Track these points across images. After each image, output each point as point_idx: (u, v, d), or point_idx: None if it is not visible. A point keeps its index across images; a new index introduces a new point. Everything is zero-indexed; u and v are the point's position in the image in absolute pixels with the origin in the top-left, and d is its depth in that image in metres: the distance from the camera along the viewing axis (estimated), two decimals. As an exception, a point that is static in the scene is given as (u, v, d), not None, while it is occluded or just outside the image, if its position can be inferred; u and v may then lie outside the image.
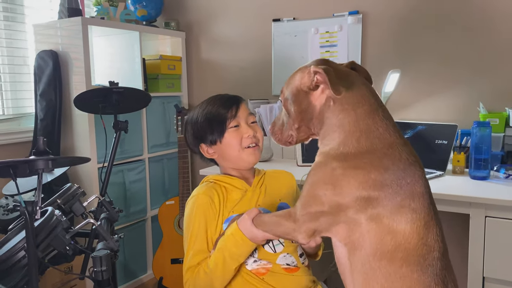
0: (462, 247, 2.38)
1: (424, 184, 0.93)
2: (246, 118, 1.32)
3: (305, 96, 1.03)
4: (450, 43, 2.32)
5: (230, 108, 1.30)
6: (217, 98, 1.35)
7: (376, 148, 0.93)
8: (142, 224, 2.88)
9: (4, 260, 1.30)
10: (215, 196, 1.28)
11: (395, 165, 0.92)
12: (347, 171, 0.92)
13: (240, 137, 1.30)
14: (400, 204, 0.89)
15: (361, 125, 0.95)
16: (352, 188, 0.91)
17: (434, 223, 0.92)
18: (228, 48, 3.01)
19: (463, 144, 2.13)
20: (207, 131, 1.31)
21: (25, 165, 1.24)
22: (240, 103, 1.33)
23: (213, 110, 1.32)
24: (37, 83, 2.48)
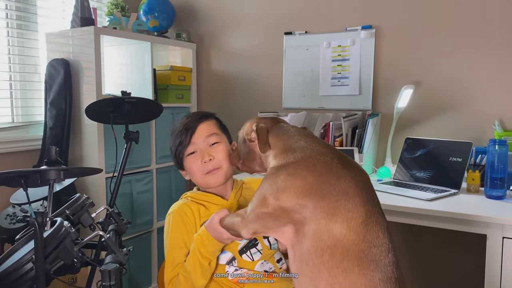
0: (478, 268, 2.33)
1: (357, 184, 1.00)
2: (204, 141, 1.32)
3: (247, 143, 1.25)
4: (465, 59, 2.30)
5: (186, 135, 1.32)
6: (180, 122, 1.37)
7: (310, 155, 1.06)
8: (148, 236, 2.84)
9: (11, 272, 1.27)
10: (190, 212, 1.32)
11: (328, 169, 1.02)
12: (287, 178, 1.04)
13: (198, 163, 1.32)
14: (335, 204, 0.97)
15: (295, 145, 1.11)
16: (292, 194, 1.02)
17: (374, 220, 0.98)
18: (238, 60, 3.01)
19: (478, 162, 2.09)
20: (173, 157, 1.38)
21: (37, 175, 1.21)
22: (196, 127, 1.32)
23: (174, 138, 1.36)
24: (47, 91, 2.47)
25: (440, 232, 2.39)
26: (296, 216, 1.01)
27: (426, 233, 2.46)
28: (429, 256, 2.48)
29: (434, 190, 1.96)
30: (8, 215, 2.04)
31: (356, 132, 2.41)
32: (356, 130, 2.42)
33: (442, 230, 2.32)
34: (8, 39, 2.47)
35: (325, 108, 2.69)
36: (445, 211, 1.70)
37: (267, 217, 1.06)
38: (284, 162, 1.08)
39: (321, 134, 2.48)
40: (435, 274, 2.48)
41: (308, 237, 0.99)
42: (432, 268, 2.48)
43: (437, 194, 1.89)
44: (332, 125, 2.42)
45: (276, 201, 1.04)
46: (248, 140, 1.24)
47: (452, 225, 1.72)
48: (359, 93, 2.57)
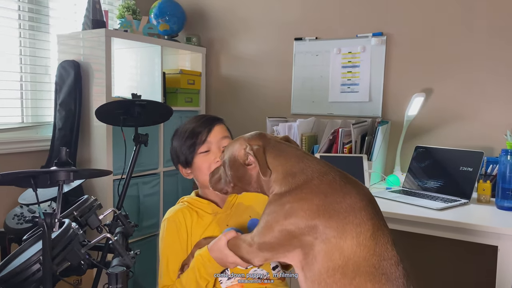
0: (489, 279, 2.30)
1: (362, 198, 1.01)
2: (218, 142, 1.33)
3: (241, 166, 1.15)
4: (477, 67, 2.28)
5: (201, 133, 1.32)
6: (192, 121, 1.37)
7: (312, 177, 1.04)
8: (154, 239, 2.83)
9: (18, 273, 1.26)
10: (183, 219, 1.33)
11: (332, 188, 1.02)
12: (294, 204, 1.02)
13: (209, 162, 1.31)
14: (344, 221, 0.97)
15: (295, 168, 1.08)
16: (300, 217, 1.00)
17: (381, 233, 0.98)
18: (248, 65, 3.01)
19: (489, 172, 2.06)
20: (180, 154, 1.36)
21: (46, 175, 1.21)
22: (213, 126, 1.34)
23: (186, 134, 1.35)
24: (57, 93, 2.48)
25: (450, 242, 2.36)
26: (306, 238, 1.00)
27: (435, 243, 2.43)
28: (437, 266, 2.45)
29: (444, 200, 1.94)
30: (16, 215, 2.04)
31: (365, 139, 2.39)
32: (366, 137, 2.40)
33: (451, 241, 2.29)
34: (20, 40, 2.48)
35: (334, 114, 2.68)
36: (455, 221, 1.68)
37: (276, 244, 1.05)
38: (287, 188, 1.05)
39: (330, 140, 2.47)
40: (443, 285, 2.44)
41: (319, 258, 0.98)
42: (441, 279, 2.45)
43: (447, 204, 1.87)
44: (341, 131, 2.40)
45: (285, 227, 1.02)
46: (244, 164, 1.15)
47: (462, 236, 1.69)
48: (369, 100, 2.56)
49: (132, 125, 1.92)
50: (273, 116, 2.78)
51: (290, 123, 2.61)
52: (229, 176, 1.18)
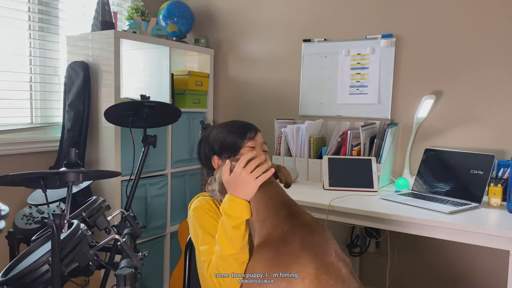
0: (500, 284, 2.27)
1: (304, 242, 1.16)
2: (261, 145, 1.46)
3: None
4: (488, 68, 2.25)
5: (250, 131, 1.46)
6: (237, 122, 1.50)
7: (271, 233, 1.20)
8: (161, 240, 2.83)
9: (27, 274, 1.26)
10: (210, 205, 1.38)
11: (283, 242, 1.17)
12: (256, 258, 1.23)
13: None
14: (291, 267, 1.13)
15: (266, 223, 1.22)
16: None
17: (325, 270, 1.12)
18: (256, 67, 3.00)
19: (500, 176, 2.04)
20: (225, 145, 1.44)
21: (56, 176, 1.21)
22: (258, 130, 1.49)
23: (233, 129, 1.46)
24: (66, 94, 2.49)
25: (460, 246, 2.34)
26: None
27: (445, 246, 2.41)
28: (447, 270, 2.43)
29: (454, 203, 1.91)
30: (25, 215, 2.05)
31: (374, 141, 2.38)
32: (375, 139, 2.39)
33: (461, 244, 2.27)
34: (30, 41, 2.50)
35: (343, 116, 2.66)
36: (465, 225, 1.66)
37: None
38: (258, 241, 1.21)
39: (339, 143, 2.45)
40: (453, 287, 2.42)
41: None
42: (451, 283, 2.42)
43: (457, 207, 1.85)
44: (350, 134, 2.39)
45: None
46: None
47: (473, 240, 1.67)
48: (378, 102, 2.54)
49: (140, 127, 1.93)
50: (281, 118, 2.77)
51: (298, 125, 2.60)
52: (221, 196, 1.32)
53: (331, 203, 1.93)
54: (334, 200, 1.98)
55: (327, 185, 2.25)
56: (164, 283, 2.88)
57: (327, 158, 2.31)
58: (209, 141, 1.48)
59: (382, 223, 1.85)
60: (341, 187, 2.23)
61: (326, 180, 2.26)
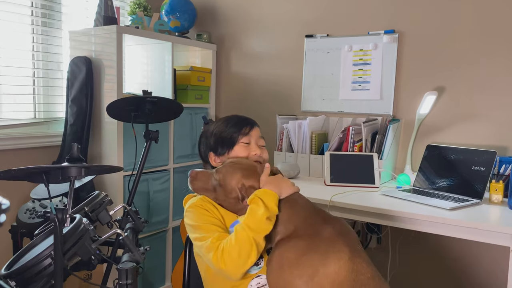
0: (500, 279, 2.28)
1: (337, 231, 1.24)
2: (256, 140, 1.46)
3: (235, 198, 1.35)
4: (490, 65, 2.25)
5: (245, 126, 1.45)
6: (234, 117, 1.50)
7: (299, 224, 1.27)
8: (163, 235, 2.85)
9: (30, 267, 1.27)
10: (207, 203, 1.38)
11: (315, 231, 1.25)
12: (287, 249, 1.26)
13: (248, 153, 1.43)
14: (326, 251, 1.19)
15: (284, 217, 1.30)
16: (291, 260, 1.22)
17: (357, 255, 1.21)
18: (258, 62, 3.00)
19: (502, 172, 2.04)
20: (219, 142, 1.45)
21: (58, 171, 1.22)
22: (254, 125, 1.48)
23: (228, 125, 1.46)
24: (69, 89, 2.50)
25: (461, 242, 2.34)
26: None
27: (446, 242, 2.41)
28: (448, 266, 2.43)
29: (455, 199, 1.92)
30: (28, 209, 2.06)
31: (376, 137, 2.38)
32: (376, 135, 2.39)
33: (462, 241, 2.27)
34: (33, 36, 2.51)
35: (345, 112, 2.66)
36: (466, 221, 1.66)
37: None
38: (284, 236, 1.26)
39: (340, 138, 2.45)
40: (454, 285, 2.42)
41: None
42: (451, 279, 2.43)
43: (458, 204, 1.85)
44: (351, 129, 2.39)
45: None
46: (242, 200, 1.32)
47: (473, 236, 1.67)
48: (380, 98, 2.54)
49: (142, 122, 1.93)
50: (283, 113, 2.77)
51: (300, 120, 2.60)
52: (219, 195, 1.35)
53: (333, 199, 1.93)
54: (336, 195, 1.98)
55: (329, 181, 2.25)
56: (166, 278, 2.90)
57: (328, 154, 2.31)
58: (207, 136, 1.50)
59: (383, 219, 1.85)
60: (342, 183, 2.23)
61: (328, 176, 2.27)
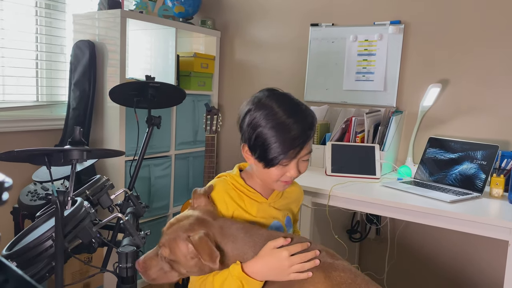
0: (498, 273, 2.29)
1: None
2: (301, 158, 1.20)
3: (190, 260, 1.11)
4: (496, 59, 2.23)
5: (294, 148, 1.17)
6: (289, 124, 1.16)
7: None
8: (164, 220, 2.87)
9: (31, 248, 1.29)
10: (229, 200, 1.24)
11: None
12: None
13: (283, 174, 1.21)
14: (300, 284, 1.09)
15: (246, 245, 1.15)
16: None
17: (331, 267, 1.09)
18: (262, 50, 2.98)
19: (503, 167, 2.04)
20: (257, 149, 1.19)
21: (60, 154, 1.23)
22: (306, 143, 1.19)
23: (277, 137, 1.16)
24: (72, 72, 2.50)
25: (460, 235, 2.35)
26: None
27: (445, 235, 2.42)
28: (447, 259, 2.45)
29: (455, 193, 1.92)
30: (30, 192, 2.08)
31: (378, 129, 2.37)
32: (379, 127, 2.38)
33: (462, 234, 2.28)
34: (37, 19, 2.49)
35: (348, 103, 2.65)
36: (465, 214, 1.66)
37: None
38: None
39: (343, 129, 2.45)
40: (453, 278, 2.44)
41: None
42: (450, 271, 2.44)
43: (458, 197, 1.85)
44: (354, 120, 2.38)
45: None
46: (192, 258, 1.09)
47: (472, 229, 1.68)
48: (384, 89, 2.53)
49: (145, 107, 1.93)
50: (286, 102, 2.76)
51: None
52: (182, 270, 1.12)
53: (333, 189, 1.94)
54: (336, 186, 1.99)
55: (330, 171, 2.26)
56: (166, 263, 2.92)
57: (330, 144, 2.31)
58: (250, 123, 1.20)
59: (383, 210, 1.86)
60: (343, 173, 2.23)
61: (329, 166, 2.27)
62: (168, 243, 1.11)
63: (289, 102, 1.23)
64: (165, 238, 1.13)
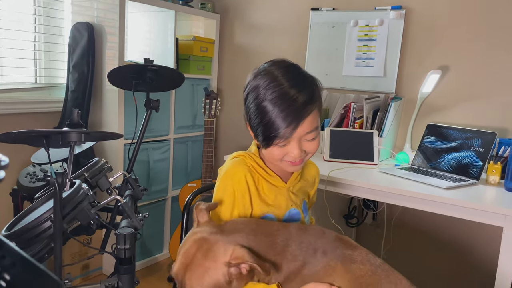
0: (492, 258, 2.32)
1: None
2: (302, 136, 1.09)
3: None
4: (496, 46, 2.22)
5: (288, 127, 1.05)
6: (286, 97, 1.06)
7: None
8: (162, 204, 2.89)
9: (30, 229, 1.30)
10: (245, 184, 1.14)
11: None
12: None
13: (285, 153, 1.11)
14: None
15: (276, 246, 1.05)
16: None
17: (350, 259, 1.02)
18: (262, 34, 2.96)
19: (500, 154, 2.04)
20: (252, 128, 1.13)
21: (58, 136, 1.23)
22: (304, 119, 1.06)
23: (270, 114, 1.06)
24: (70, 54, 2.48)
25: (456, 221, 2.37)
26: None
27: (441, 221, 2.44)
28: (442, 244, 2.47)
29: (452, 179, 1.93)
30: (28, 173, 2.09)
31: (377, 115, 2.37)
32: (378, 113, 2.38)
33: (458, 220, 2.30)
34: (35, 0, 2.47)
35: (347, 88, 2.65)
36: (461, 200, 1.68)
37: None
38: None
39: (342, 115, 2.45)
40: (447, 262, 2.47)
41: None
42: (445, 257, 2.47)
43: (455, 183, 1.86)
44: (353, 106, 2.38)
45: None
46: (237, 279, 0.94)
47: (467, 215, 1.69)
48: (383, 75, 2.52)
49: (143, 90, 1.93)
50: (285, 87, 2.75)
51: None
52: None
53: (330, 174, 1.95)
54: (334, 171, 2.00)
55: (328, 157, 2.26)
56: (164, 246, 2.96)
57: (329, 129, 2.31)
58: (245, 98, 1.16)
59: (380, 195, 1.87)
60: (341, 159, 2.24)
61: (327, 151, 2.28)
62: (197, 279, 0.93)
63: (288, 72, 1.12)
64: (191, 270, 0.94)
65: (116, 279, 1.30)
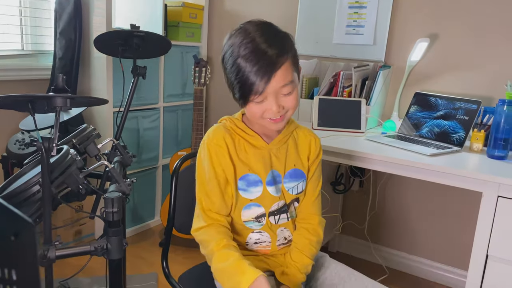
0: (470, 223, 2.39)
1: None
2: (277, 91, 1.10)
3: None
4: (485, 15, 2.21)
5: (261, 81, 1.07)
6: (257, 51, 1.08)
7: None
8: (153, 172, 2.92)
9: (19, 193, 1.32)
10: (224, 146, 1.21)
11: None
12: None
13: (263, 110, 1.13)
14: None
15: None
16: None
17: None
18: (253, 1, 2.92)
19: (485, 122, 2.08)
20: (233, 87, 1.15)
21: (43, 101, 1.23)
22: (275, 71, 1.07)
23: (243, 70, 1.09)
24: (57, 21, 2.45)
25: (440, 187, 2.43)
26: None
27: (426, 187, 2.50)
28: (427, 211, 2.54)
29: (436, 146, 1.97)
30: (17, 140, 2.10)
31: (366, 83, 2.38)
32: (366, 81, 2.39)
33: (441, 186, 2.36)
34: (18, -37, 2.41)
35: (337, 57, 2.64)
36: (443, 167, 1.72)
37: None
38: None
39: (331, 83, 2.46)
40: (429, 226, 2.54)
41: None
42: (427, 221, 2.55)
43: (438, 150, 1.90)
44: (342, 74, 2.39)
45: None
46: None
47: (449, 181, 1.74)
48: (373, 43, 2.51)
49: (130, 57, 1.92)
50: (275, 55, 2.74)
51: (291, 63, 2.58)
52: None
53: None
54: (322, 139, 2.02)
55: (316, 125, 2.29)
56: (155, 212, 3.01)
57: (317, 98, 2.33)
58: (222, 58, 1.20)
59: (366, 162, 1.91)
60: (329, 127, 2.27)
61: (315, 120, 2.30)
62: None
63: (260, 29, 1.14)
64: None
65: (105, 241, 1.33)
